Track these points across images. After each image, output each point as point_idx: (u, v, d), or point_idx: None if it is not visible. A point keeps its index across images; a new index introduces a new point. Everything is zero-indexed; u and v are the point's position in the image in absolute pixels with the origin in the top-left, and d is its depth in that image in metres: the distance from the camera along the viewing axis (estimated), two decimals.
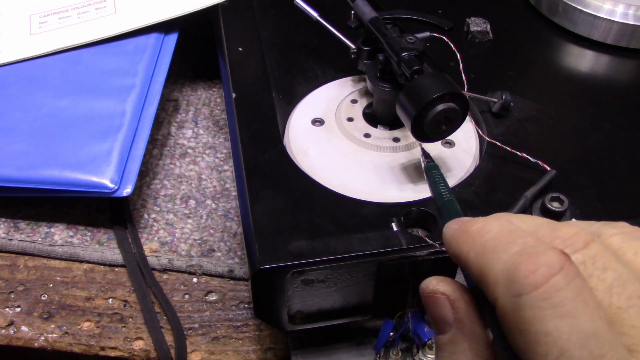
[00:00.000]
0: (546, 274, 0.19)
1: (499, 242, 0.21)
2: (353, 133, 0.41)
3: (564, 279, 0.19)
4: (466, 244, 0.22)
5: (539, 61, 0.49)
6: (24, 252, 0.45)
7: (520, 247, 0.21)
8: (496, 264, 0.21)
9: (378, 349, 0.38)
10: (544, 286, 0.19)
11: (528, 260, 0.20)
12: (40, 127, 0.46)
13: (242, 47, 0.48)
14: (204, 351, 0.40)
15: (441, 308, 0.23)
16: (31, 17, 0.55)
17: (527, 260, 0.20)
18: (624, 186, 0.38)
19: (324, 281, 0.35)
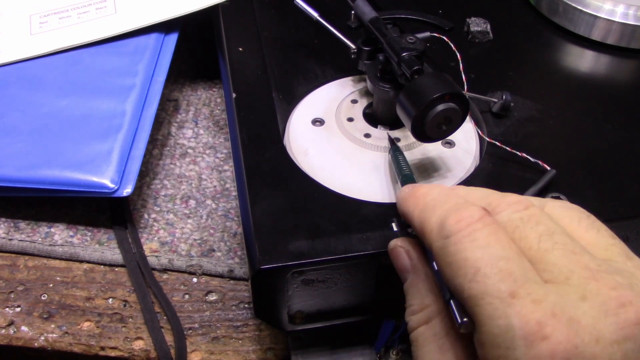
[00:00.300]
0: (468, 221, 0.25)
1: (437, 202, 0.27)
2: (353, 133, 0.41)
3: (481, 223, 0.25)
4: (412, 203, 0.29)
5: (539, 61, 0.49)
6: (24, 252, 0.45)
7: (451, 205, 0.26)
8: (432, 217, 0.26)
9: (378, 349, 0.38)
10: (466, 229, 0.25)
11: (455, 212, 0.25)
12: (40, 127, 0.46)
13: (242, 47, 0.48)
14: (204, 351, 0.40)
15: (401, 259, 0.30)
16: (31, 17, 0.55)
17: (455, 212, 0.25)
18: (624, 186, 0.38)
19: (324, 281, 0.35)
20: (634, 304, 0.22)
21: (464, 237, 0.25)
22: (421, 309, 0.28)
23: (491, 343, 0.23)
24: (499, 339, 0.22)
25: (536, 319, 0.22)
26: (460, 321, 0.25)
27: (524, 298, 0.22)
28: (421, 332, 0.28)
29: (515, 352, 0.22)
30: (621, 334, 0.22)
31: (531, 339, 0.22)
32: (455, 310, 0.25)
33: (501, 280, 0.23)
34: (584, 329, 0.22)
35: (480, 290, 0.23)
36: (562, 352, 0.21)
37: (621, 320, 0.22)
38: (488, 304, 0.23)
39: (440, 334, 0.27)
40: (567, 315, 0.22)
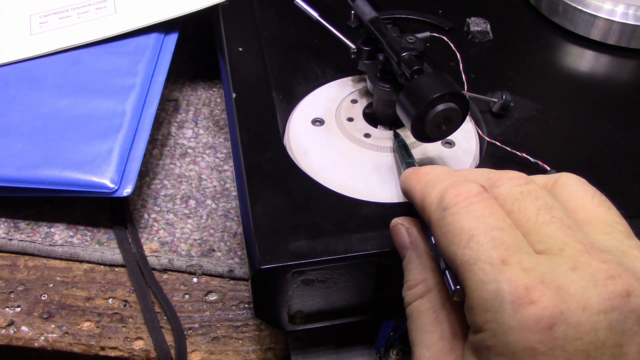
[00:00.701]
0: (466, 195, 0.26)
1: (438, 178, 0.29)
2: (353, 133, 0.41)
3: (478, 198, 0.26)
4: (414, 181, 0.30)
5: (539, 61, 0.49)
6: (24, 252, 0.45)
7: (451, 181, 0.28)
8: (433, 192, 0.28)
9: (378, 349, 0.38)
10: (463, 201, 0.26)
11: (454, 187, 0.27)
12: (40, 127, 0.46)
13: (242, 47, 0.48)
14: (204, 351, 0.40)
15: (400, 236, 0.31)
16: (31, 17, 0.55)
17: (454, 187, 0.27)
18: (624, 186, 0.38)
19: (324, 281, 0.35)
20: (622, 277, 0.23)
21: (461, 208, 0.26)
22: (417, 284, 0.29)
23: (480, 307, 0.24)
24: (488, 303, 0.23)
25: (525, 285, 0.23)
26: (454, 288, 0.26)
27: (514, 265, 0.23)
28: (416, 305, 0.29)
29: (502, 315, 0.23)
30: (608, 304, 0.23)
31: (518, 302, 0.22)
32: (449, 279, 0.26)
33: (493, 247, 0.24)
34: (572, 297, 0.23)
35: (472, 256, 0.24)
36: (547, 317, 0.22)
37: (609, 291, 0.23)
38: (479, 269, 0.24)
39: (434, 307, 0.28)
40: (556, 283, 0.23)
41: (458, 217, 0.26)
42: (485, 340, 0.24)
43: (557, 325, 0.22)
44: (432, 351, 0.27)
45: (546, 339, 0.22)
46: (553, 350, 0.22)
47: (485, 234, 0.24)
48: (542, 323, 0.22)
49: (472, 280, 0.24)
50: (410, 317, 0.29)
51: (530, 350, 0.22)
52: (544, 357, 0.22)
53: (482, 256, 0.24)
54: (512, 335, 0.23)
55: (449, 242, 0.25)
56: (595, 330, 0.22)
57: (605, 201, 0.28)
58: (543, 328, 0.22)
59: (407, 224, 0.31)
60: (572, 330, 0.22)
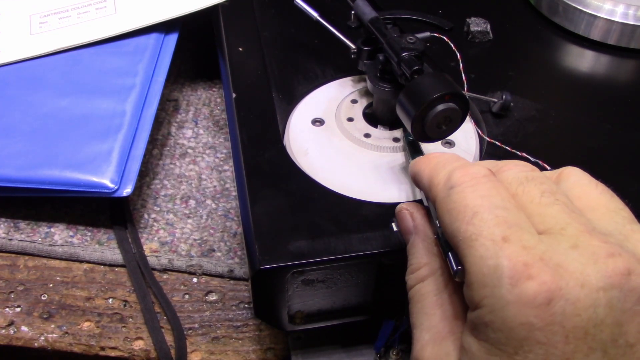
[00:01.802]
0: (473, 175, 0.26)
1: (447, 161, 0.29)
2: (353, 133, 0.41)
3: (485, 179, 0.26)
4: (423, 164, 0.30)
5: (539, 61, 0.49)
6: (24, 252, 0.45)
7: (460, 163, 0.28)
8: (440, 173, 0.28)
9: (378, 349, 0.38)
10: (470, 181, 0.26)
11: (462, 169, 0.27)
12: (40, 127, 0.46)
13: (242, 47, 0.48)
14: (204, 351, 0.40)
15: (405, 220, 0.31)
16: (31, 17, 0.55)
17: (461, 169, 0.27)
18: (624, 186, 0.38)
19: (324, 281, 0.35)
20: (622, 256, 0.23)
21: (467, 187, 0.26)
22: (419, 267, 0.29)
23: (479, 283, 0.24)
24: (487, 278, 0.23)
25: (524, 261, 0.23)
26: (456, 268, 0.26)
27: (515, 243, 0.23)
28: (418, 288, 0.29)
29: (500, 290, 0.23)
30: (608, 282, 0.22)
31: (517, 277, 0.23)
32: (451, 259, 0.27)
33: (496, 225, 0.24)
34: (570, 274, 0.23)
35: (475, 232, 0.24)
36: (545, 292, 0.22)
37: (609, 268, 0.23)
38: (481, 245, 0.24)
39: (436, 290, 0.28)
40: (556, 260, 0.23)
41: (464, 195, 0.26)
42: (483, 316, 0.24)
43: (555, 300, 0.22)
44: (432, 333, 0.27)
45: (543, 315, 0.22)
46: (550, 326, 0.22)
47: (489, 211, 0.25)
48: (539, 298, 0.22)
49: (473, 255, 0.24)
50: (412, 300, 0.29)
51: (528, 325, 0.22)
52: (541, 333, 0.22)
53: (485, 232, 0.24)
54: (510, 310, 0.23)
55: (453, 219, 0.26)
56: (594, 307, 0.22)
57: (608, 190, 0.28)
58: (540, 303, 0.22)
59: (412, 208, 0.32)
60: (570, 306, 0.22)
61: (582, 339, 0.22)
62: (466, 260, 0.24)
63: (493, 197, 0.25)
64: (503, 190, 0.26)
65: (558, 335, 0.22)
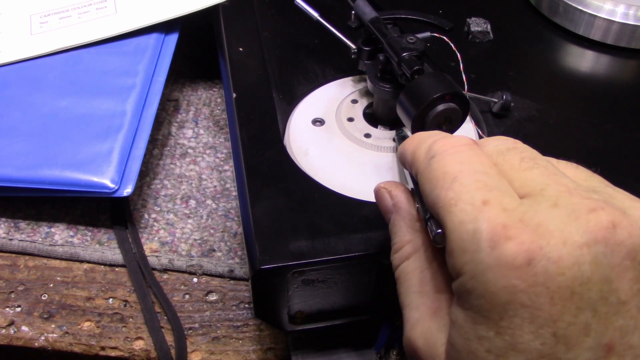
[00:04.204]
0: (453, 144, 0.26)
1: (428, 135, 0.28)
2: (353, 133, 0.41)
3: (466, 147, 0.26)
4: (408, 142, 0.29)
5: (539, 61, 0.49)
6: (24, 252, 0.45)
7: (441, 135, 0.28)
8: (422, 146, 0.28)
9: (378, 349, 0.38)
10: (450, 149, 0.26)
11: (443, 139, 0.27)
12: (40, 127, 0.46)
13: (243, 47, 0.48)
14: (204, 351, 0.40)
15: (384, 199, 0.31)
16: (31, 17, 0.55)
17: (443, 139, 0.27)
18: (624, 186, 0.38)
19: (324, 281, 0.35)
20: (605, 210, 0.22)
21: (448, 154, 0.26)
22: (402, 246, 0.29)
23: (459, 249, 0.23)
24: (467, 243, 0.23)
25: (503, 223, 0.22)
26: (436, 231, 0.25)
27: (495, 206, 0.23)
28: (403, 267, 0.28)
29: (480, 254, 0.22)
30: (591, 237, 0.22)
31: (495, 239, 0.22)
32: (432, 225, 0.26)
33: (476, 189, 0.24)
34: (551, 233, 0.22)
35: (454, 196, 0.24)
36: (525, 252, 0.21)
37: (591, 223, 0.22)
38: (460, 210, 0.23)
39: (421, 267, 0.28)
40: (535, 221, 0.22)
41: (444, 162, 0.25)
42: (465, 283, 0.23)
43: (535, 260, 0.21)
44: (421, 311, 0.27)
45: (525, 276, 0.21)
46: (534, 287, 0.21)
47: (469, 176, 0.24)
48: (519, 259, 0.21)
49: (452, 221, 0.23)
50: (399, 280, 0.28)
51: (510, 288, 0.21)
52: (524, 295, 0.21)
53: (464, 197, 0.23)
54: (490, 274, 0.22)
55: (433, 187, 0.25)
56: (578, 264, 0.21)
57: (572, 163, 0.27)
58: (521, 264, 0.21)
59: (390, 187, 0.31)
60: (552, 265, 0.21)
61: (568, 299, 0.21)
62: (446, 226, 0.24)
63: (473, 163, 0.25)
64: (484, 157, 0.25)
65: (543, 297, 0.21)
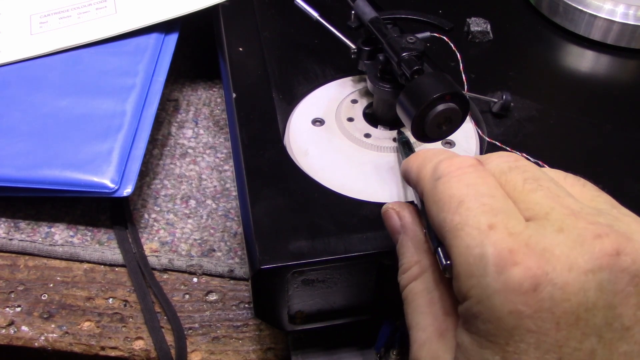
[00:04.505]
0: (458, 165, 0.26)
1: (434, 154, 0.29)
2: (353, 133, 0.41)
3: (471, 169, 0.26)
4: (412, 160, 0.30)
5: (539, 61, 0.49)
6: (24, 252, 0.45)
7: (447, 155, 0.28)
8: (427, 165, 0.28)
9: (378, 349, 0.38)
10: (456, 171, 0.26)
11: (448, 160, 0.27)
12: (40, 127, 0.46)
13: (242, 47, 0.48)
14: (204, 351, 0.40)
15: (392, 220, 0.31)
16: (31, 17, 0.55)
17: (447, 160, 0.27)
18: (624, 186, 0.38)
19: (324, 281, 0.35)
20: (610, 237, 0.22)
21: (453, 177, 0.26)
22: (410, 266, 0.29)
23: (466, 273, 0.23)
24: (473, 267, 0.23)
25: (509, 247, 0.22)
26: (445, 263, 0.25)
27: (501, 230, 0.23)
28: (411, 288, 0.28)
29: (486, 279, 0.22)
30: (596, 264, 0.22)
31: (502, 265, 0.22)
32: (441, 254, 0.26)
33: (482, 213, 0.24)
34: (557, 258, 0.22)
35: (461, 221, 0.24)
36: (531, 278, 0.22)
37: (596, 250, 0.22)
38: (467, 234, 0.23)
39: (429, 288, 0.28)
40: (541, 245, 0.22)
41: (450, 185, 0.25)
42: (471, 308, 0.23)
43: (542, 286, 0.22)
44: (428, 332, 0.27)
45: (531, 301, 0.22)
46: (539, 312, 0.22)
47: (475, 199, 0.24)
48: (525, 284, 0.22)
49: (459, 246, 0.24)
50: (406, 300, 0.29)
51: (516, 313, 0.22)
52: (530, 321, 0.22)
53: (471, 221, 0.24)
54: (497, 299, 0.22)
55: (439, 210, 0.25)
56: (583, 290, 0.22)
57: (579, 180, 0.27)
58: (527, 289, 0.22)
59: (398, 207, 0.31)
60: (558, 291, 0.22)
61: (574, 324, 0.22)
62: (453, 251, 0.24)
63: (479, 185, 0.25)
64: (490, 178, 0.25)
65: (549, 322, 0.22)
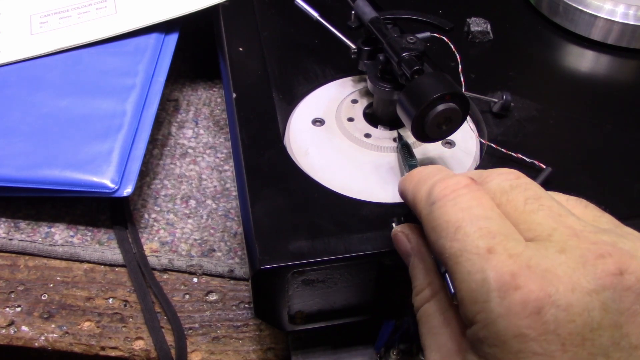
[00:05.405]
0: (453, 187, 0.26)
1: (428, 175, 0.28)
2: (353, 133, 0.41)
3: (466, 189, 0.25)
4: (407, 181, 0.30)
5: (539, 61, 0.49)
6: (24, 252, 0.45)
7: (441, 176, 0.27)
8: (422, 188, 0.27)
9: (378, 349, 0.38)
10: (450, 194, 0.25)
11: (442, 181, 0.26)
12: (40, 127, 0.46)
13: (243, 47, 0.48)
14: (204, 351, 0.40)
15: (402, 243, 0.31)
16: (31, 17, 0.55)
17: (442, 181, 0.26)
18: (624, 186, 0.38)
19: (324, 281, 0.35)
20: (613, 256, 0.22)
21: (448, 201, 0.25)
22: (423, 288, 0.29)
23: (469, 299, 0.23)
24: (476, 293, 0.23)
25: (510, 271, 0.22)
26: (453, 291, 0.25)
27: (500, 253, 0.23)
28: (425, 309, 0.28)
29: (490, 304, 0.22)
30: (599, 284, 0.22)
31: (504, 289, 0.22)
32: (449, 281, 0.26)
33: (480, 237, 0.23)
34: (559, 279, 0.22)
35: (459, 247, 0.24)
36: (534, 301, 0.22)
37: (599, 270, 0.22)
38: (466, 260, 0.23)
39: (443, 308, 0.27)
40: (543, 267, 0.22)
41: (445, 210, 0.25)
42: (478, 333, 0.23)
43: (545, 308, 0.22)
44: (441, 353, 0.26)
45: (535, 324, 0.22)
46: (544, 335, 0.22)
47: (472, 224, 0.24)
48: (529, 307, 0.22)
49: (460, 272, 0.23)
50: (420, 322, 0.28)
51: (521, 337, 0.22)
52: (535, 344, 0.22)
53: (469, 247, 0.23)
54: (501, 323, 0.22)
55: (438, 236, 0.25)
56: (587, 311, 0.22)
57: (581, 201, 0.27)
58: (531, 312, 0.22)
59: (406, 230, 0.31)
60: (562, 312, 0.21)
61: (580, 345, 0.22)
62: (455, 277, 0.24)
63: (475, 208, 0.25)
64: (486, 199, 0.25)
65: (554, 344, 0.22)
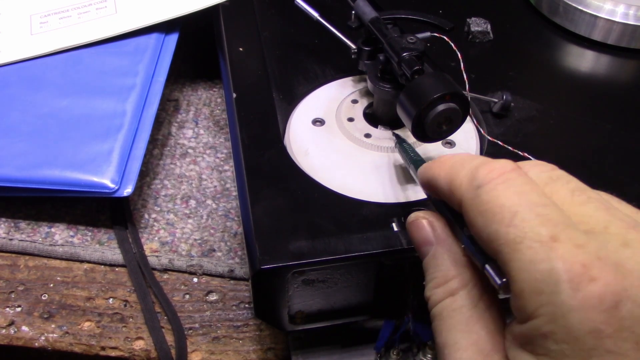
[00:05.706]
0: (500, 170, 0.24)
1: (464, 160, 0.26)
2: (353, 133, 0.41)
3: (515, 173, 0.24)
4: (437, 167, 0.28)
5: (540, 61, 0.49)
6: (24, 252, 0.45)
7: (481, 160, 0.25)
8: (461, 172, 0.25)
9: (378, 349, 0.38)
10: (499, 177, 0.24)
11: (486, 164, 0.25)
12: (40, 127, 0.46)
13: (243, 47, 0.48)
14: (204, 351, 0.40)
15: (423, 231, 0.28)
16: (32, 17, 0.55)
17: (485, 164, 0.25)
18: (624, 186, 0.38)
19: (325, 281, 0.35)
20: None
21: (499, 184, 0.24)
22: (445, 281, 0.27)
23: (532, 290, 0.21)
24: (542, 284, 0.21)
25: (581, 262, 0.21)
26: (500, 282, 0.23)
27: (566, 242, 0.21)
28: (446, 305, 0.26)
29: (560, 296, 0.21)
30: None
31: (577, 281, 0.20)
32: (492, 272, 0.24)
33: (541, 224, 0.22)
34: (631, 273, 0.21)
35: (518, 234, 0.22)
36: (611, 294, 0.20)
37: None
38: (528, 247, 0.22)
39: (467, 306, 0.26)
40: (612, 259, 0.21)
41: (497, 194, 0.23)
42: (541, 327, 0.21)
43: (622, 303, 0.20)
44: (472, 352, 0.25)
45: (612, 320, 0.20)
46: (620, 332, 0.20)
47: (530, 210, 0.22)
48: (606, 301, 0.20)
49: (520, 260, 0.22)
50: (440, 317, 0.26)
51: (596, 333, 0.20)
52: (610, 341, 0.20)
53: (530, 233, 0.22)
54: (575, 317, 0.20)
55: (489, 222, 0.23)
56: None
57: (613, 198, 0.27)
58: (608, 307, 0.20)
59: (430, 217, 0.29)
60: (638, 308, 0.20)
61: None
62: (512, 266, 0.22)
63: (529, 193, 0.23)
64: (537, 186, 0.24)
65: (628, 342, 0.20)
